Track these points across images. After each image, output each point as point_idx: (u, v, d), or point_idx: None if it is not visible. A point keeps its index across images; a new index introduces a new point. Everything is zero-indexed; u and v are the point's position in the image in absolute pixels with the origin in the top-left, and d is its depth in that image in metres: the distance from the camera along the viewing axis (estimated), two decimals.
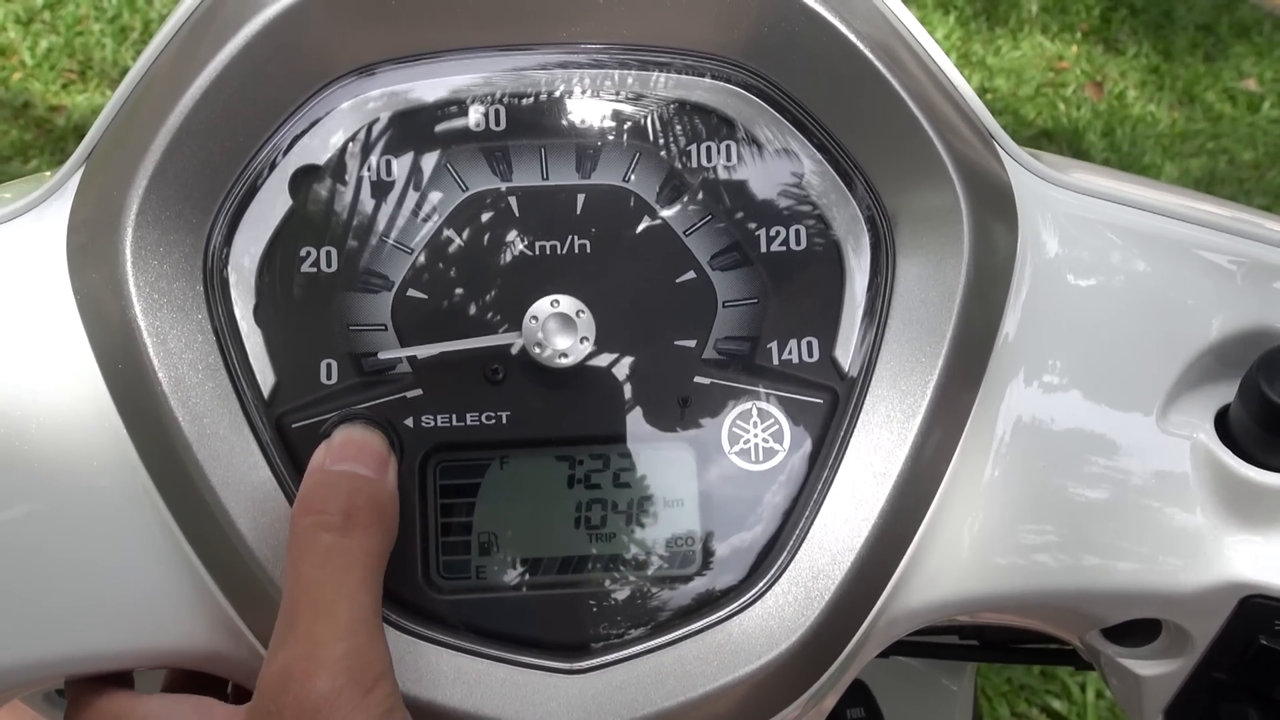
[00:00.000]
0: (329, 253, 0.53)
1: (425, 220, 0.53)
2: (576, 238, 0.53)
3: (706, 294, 0.53)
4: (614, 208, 0.53)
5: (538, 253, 0.53)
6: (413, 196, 0.53)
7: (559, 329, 0.52)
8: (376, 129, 0.53)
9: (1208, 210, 0.57)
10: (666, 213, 0.53)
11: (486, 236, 0.53)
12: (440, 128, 0.54)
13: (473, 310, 0.52)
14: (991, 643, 0.73)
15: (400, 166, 0.53)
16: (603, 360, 0.52)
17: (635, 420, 0.52)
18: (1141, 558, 0.53)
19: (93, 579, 0.51)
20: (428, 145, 0.53)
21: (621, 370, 0.53)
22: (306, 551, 0.46)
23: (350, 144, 0.53)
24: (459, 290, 0.53)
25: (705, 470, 0.52)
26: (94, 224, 0.51)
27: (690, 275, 0.53)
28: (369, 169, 0.53)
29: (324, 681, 0.43)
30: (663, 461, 0.52)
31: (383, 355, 0.52)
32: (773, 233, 0.54)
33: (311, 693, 0.43)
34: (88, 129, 0.54)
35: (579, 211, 0.53)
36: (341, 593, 0.45)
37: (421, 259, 0.53)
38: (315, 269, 0.52)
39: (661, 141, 0.54)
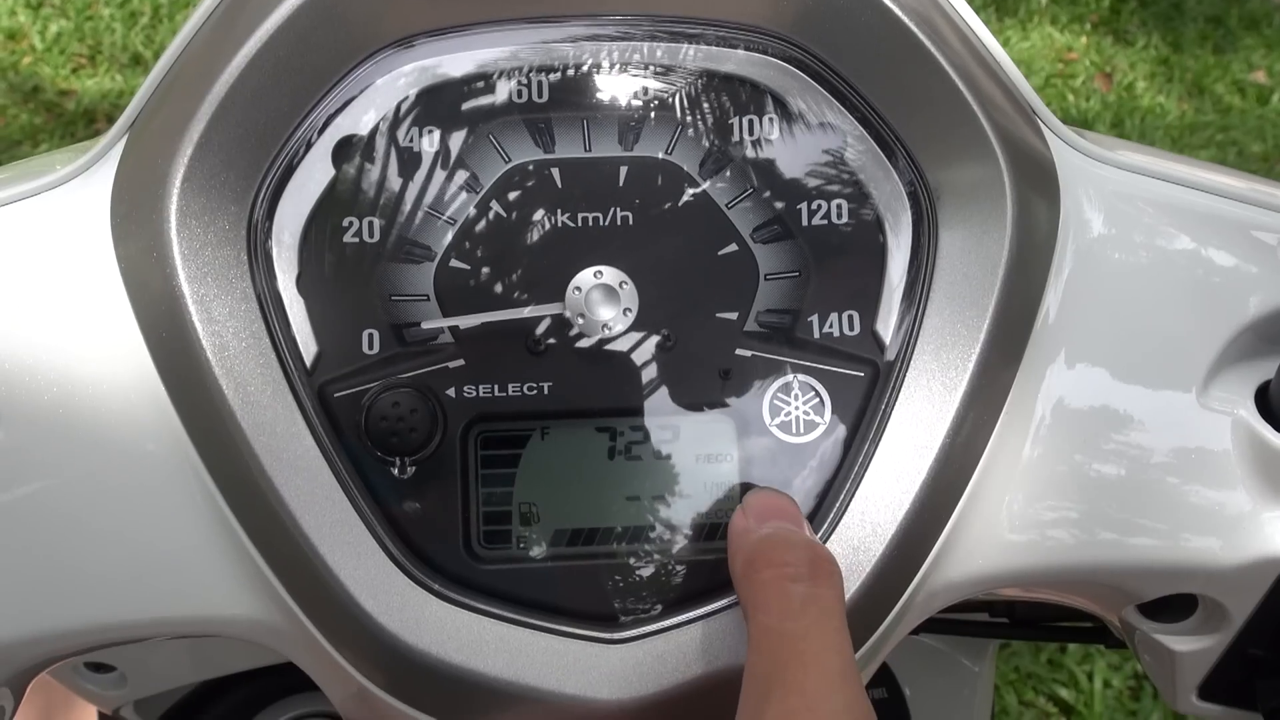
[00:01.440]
0: (371, 223, 0.53)
1: (467, 191, 0.53)
2: (619, 209, 0.53)
3: (748, 267, 0.53)
4: (656, 180, 0.53)
5: (580, 224, 0.53)
6: (455, 167, 0.53)
7: (602, 300, 0.52)
8: (418, 101, 0.53)
9: (1250, 187, 0.57)
10: (708, 185, 0.53)
11: (529, 207, 0.53)
12: (482, 100, 0.53)
13: (515, 281, 0.52)
14: (1021, 620, 0.73)
15: (442, 138, 0.53)
16: (645, 331, 0.53)
17: (676, 392, 0.53)
18: (1181, 533, 0.54)
19: (135, 545, 0.51)
20: (470, 116, 0.53)
21: (663, 342, 0.53)
22: (777, 603, 0.45)
23: (392, 115, 0.53)
24: (501, 261, 0.53)
25: (746, 442, 0.52)
26: (138, 191, 0.51)
27: (732, 248, 0.53)
28: (411, 140, 0.53)
29: None
30: (704, 434, 0.53)
31: (425, 325, 0.52)
32: (814, 206, 0.54)
33: None
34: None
35: (621, 184, 0.53)
36: (828, 643, 0.44)
37: (464, 229, 0.53)
38: (358, 239, 0.52)
39: (702, 115, 0.54)
